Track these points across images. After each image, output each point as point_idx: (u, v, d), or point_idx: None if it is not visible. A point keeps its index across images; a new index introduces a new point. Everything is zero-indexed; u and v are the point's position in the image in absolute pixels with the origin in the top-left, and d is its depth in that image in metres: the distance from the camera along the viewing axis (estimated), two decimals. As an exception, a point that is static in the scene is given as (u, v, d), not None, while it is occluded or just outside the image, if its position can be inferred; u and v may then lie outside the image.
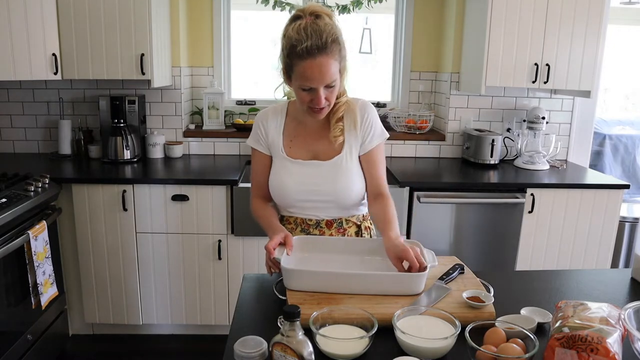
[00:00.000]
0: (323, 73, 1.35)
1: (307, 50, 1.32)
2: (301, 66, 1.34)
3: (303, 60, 1.33)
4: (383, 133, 1.56)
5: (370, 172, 1.55)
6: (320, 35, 1.33)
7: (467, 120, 3.18)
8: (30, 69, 2.46)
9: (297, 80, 1.38)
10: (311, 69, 1.34)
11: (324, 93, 1.39)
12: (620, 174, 4.18)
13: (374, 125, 1.54)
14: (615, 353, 0.89)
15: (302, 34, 1.33)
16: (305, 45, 1.32)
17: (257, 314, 1.25)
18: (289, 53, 1.36)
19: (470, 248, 2.75)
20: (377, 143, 1.54)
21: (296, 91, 1.42)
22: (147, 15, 2.59)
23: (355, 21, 3.21)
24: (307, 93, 1.39)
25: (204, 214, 2.59)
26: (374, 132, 1.54)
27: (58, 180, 2.49)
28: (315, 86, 1.37)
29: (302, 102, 1.43)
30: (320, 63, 1.33)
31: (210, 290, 2.70)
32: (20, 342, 2.18)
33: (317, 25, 1.34)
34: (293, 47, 1.34)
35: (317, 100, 1.39)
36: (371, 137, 1.53)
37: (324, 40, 1.33)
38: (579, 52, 2.76)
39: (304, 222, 1.58)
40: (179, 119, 3.09)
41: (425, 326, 1.07)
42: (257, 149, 1.59)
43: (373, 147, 1.54)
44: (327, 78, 1.36)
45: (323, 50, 1.33)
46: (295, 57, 1.34)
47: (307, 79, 1.36)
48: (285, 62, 1.40)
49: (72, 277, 2.67)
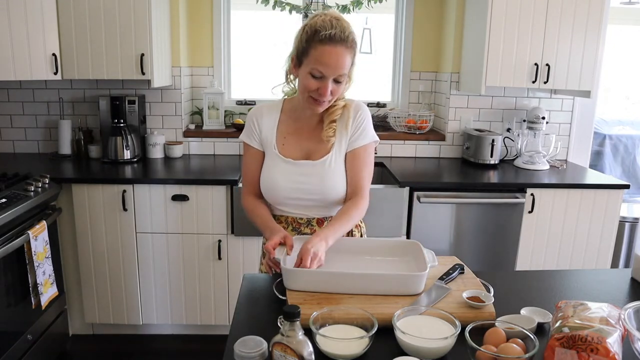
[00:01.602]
0: (339, 62, 1.38)
1: (330, 36, 1.36)
2: (320, 49, 1.37)
3: (323, 45, 1.37)
4: (373, 136, 1.57)
5: (352, 171, 1.55)
6: (344, 29, 1.38)
7: (467, 120, 3.18)
8: (30, 69, 2.46)
9: (310, 64, 1.39)
10: (329, 54, 1.37)
11: (331, 86, 1.40)
12: (620, 174, 4.18)
13: (365, 125, 1.55)
14: (615, 353, 0.89)
15: (327, 23, 1.37)
16: (329, 32, 1.36)
17: (257, 314, 1.25)
18: (309, 38, 1.38)
19: (470, 248, 2.75)
20: (365, 143, 1.54)
21: (304, 78, 1.43)
22: (147, 15, 2.60)
23: (355, 21, 3.21)
24: (316, 81, 1.40)
25: (204, 214, 2.59)
26: (363, 131, 1.54)
27: (58, 180, 2.49)
28: (327, 74, 1.38)
29: (306, 90, 1.43)
30: (338, 51, 1.37)
31: (210, 290, 2.70)
32: (20, 342, 2.18)
33: (341, 22, 1.40)
34: (316, 32, 1.37)
35: (323, 89, 1.40)
36: (359, 134, 1.54)
37: (347, 35, 1.38)
38: (579, 52, 2.76)
39: (295, 221, 1.59)
40: (179, 119, 3.09)
41: (425, 326, 1.07)
42: (250, 144, 1.59)
43: (360, 146, 1.54)
44: (340, 69, 1.39)
45: (344, 41, 1.38)
46: (316, 41, 1.37)
47: (321, 64, 1.38)
48: (300, 47, 1.42)
49: (72, 277, 2.67)
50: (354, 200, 1.52)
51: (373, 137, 1.57)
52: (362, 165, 1.55)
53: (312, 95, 1.43)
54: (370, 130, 1.56)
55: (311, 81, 1.40)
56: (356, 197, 1.53)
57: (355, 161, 1.54)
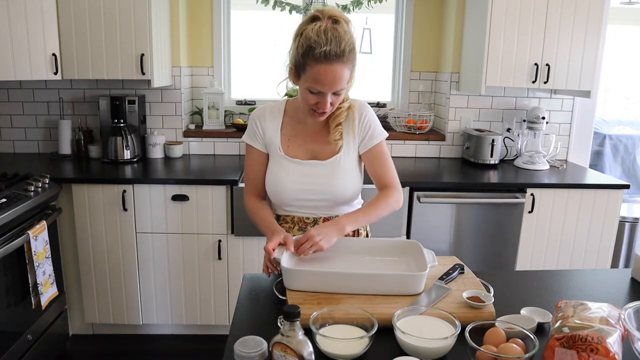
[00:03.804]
0: (336, 80, 1.35)
1: (325, 54, 1.32)
2: (315, 69, 1.34)
3: (318, 64, 1.33)
4: (382, 131, 1.57)
5: (374, 170, 1.56)
6: (340, 42, 1.33)
7: (467, 120, 3.18)
8: (30, 69, 2.47)
9: (307, 81, 1.38)
10: (325, 73, 1.34)
11: (331, 98, 1.39)
12: (620, 174, 4.18)
13: (372, 124, 1.55)
14: (615, 353, 0.89)
15: (322, 37, 1.32)
16: (324, 49, 1.31)
17: (257, 314, 1.25)
18: (305, 53, 1.35)
19: (470, 248, 2.75)
20: (378, 142, 1.55)
21: (302, 92, 1.42)
22: (147, 15, 2.59)
23: (355, 21, 3.17)
24: (314, 96, 1.39)
25: (204, 214, 2.59)
26: (373, 131, 1.54)
27: (58, 180, 2.49)
28: (325, 91, 1.37)
29: (306, 103, 1.43)
30: (335, 70, 1.34)
31: (210, 290, 2.70)
32: (20, 342, 2.18)
33: (337, 31, 1.34)
34: (311, 48, 1.33)
35: (322, 104, 1.40)
36: (370, 135, 1.54)
37: (343, 49, 1.33)
38: (579, 52, 2.76)
39: (301, 221, 1.58)
40: (179, 119, 3.09)
41: (425, 326, 1.07)
42: (253, 146, 1.58)
43: (374, 145, 1.54)
44: (338, 85, 1.37)
45: (340, 58, 1.33)
46: (311, 59, 1.34)
47: (318, 83, 1.36)
48: (297, 61, 1.38)
49: (72, 277, 2.67)
50: (384, 192, 1.53)
51: (382, 132, 1.57)
52: (382, 161, 1.56)
53: (313, 107, 1.43)
54: (378, 127, 1.56)
55: (310, 96, 1.40)
56: (386, 189, 1.54)
57: (374, 160, 1.55)
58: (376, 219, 1.49)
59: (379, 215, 1.49)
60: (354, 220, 1.44)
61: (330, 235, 1.35)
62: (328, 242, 1.35)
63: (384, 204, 1.50)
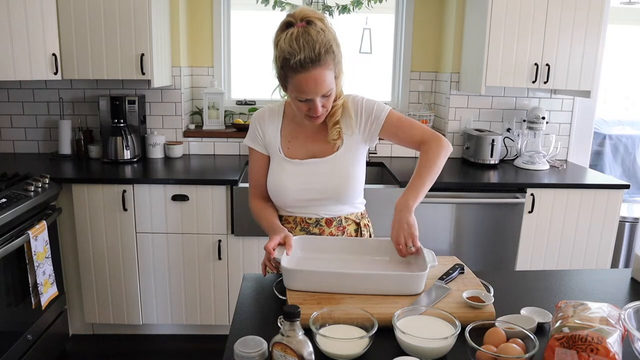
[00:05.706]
0: (318, 85, 1.33)
1: (301, 63, 1.30)
2: (296, 79, 1.33)
3: (297, 74, 1.32)
4: (385, 107, 1.53)
5: (400, 137, 1.54)
6: (313, 46, 1.30)
7: (467, 120, 3.18)
8: (30, 69, 2.47)
9: (293, 92, 1.37)
10: (306, 82, 1.32)
11: (321, 102, 1.39)
12: (620, 174, 4.18)
13: (372, 111, 1.52)
14: (615, 353, 0.89)
15: (294, 45, 1.30)
16: (298, 58, 1.29)
17: (257, 314, 1.25)
18: (283, 65, 1.33)
19: (470, 248, 2.75)
20: (385, 117, 1.51)
21: (293, 101, 1.42)
22: (147, 15, 2.59)
23: (355, 21, 3.21)
24: (304, 103, 1.39)
25: (204, 214, 2.59)
26: (375, 115, 1.51)
27: (58, 180, 2.49)
28: (311, 97, 1.36)
29: (299, 111, 1.43)
30: (314, 76, 1.32)
31: (210, 290, 2.70)
32: (20, 342, 2.18)
33: (309, 34, 1.31)
34: (286, 60, 1.31)
35: (314, 109, 1.39)
36: (374, 119, 1.51)
37: (317, 52, 1.30)
38: (579, 52, 2.76)
39: (304, 221, 1.58)
40: (179, 119, 3.09)
41: (425, 326, 1.07)
42: (254, 148, 1.59)
43: (384, 122, 1.51)
44: (323, 89, 1.35)
45: (317, 62, 1.30)
46: (289, 70, 1.32)
47: (302, 92, 1.35)
48: (279, 73, 1.38)
49: (72, 277, 2.67)
50: (422, 149, 1.51)
51: (384, 107, 1.53)
52: (401, 126, 1.53)
53: (307, 114, 1.42)
54: (378, 107, 1.52)
55: (300, 104, 1.40)
56: (424, 144, 1.52)
57: (395, 131, 1.53)
58: (435, 174, 1.48)
59: (433, 170, 1.47)
60: (411, 190, 1.43)
61: (405, 220, 1.38)
62: (412, 225, 1.38)
63: (434, 157, 1.48)
